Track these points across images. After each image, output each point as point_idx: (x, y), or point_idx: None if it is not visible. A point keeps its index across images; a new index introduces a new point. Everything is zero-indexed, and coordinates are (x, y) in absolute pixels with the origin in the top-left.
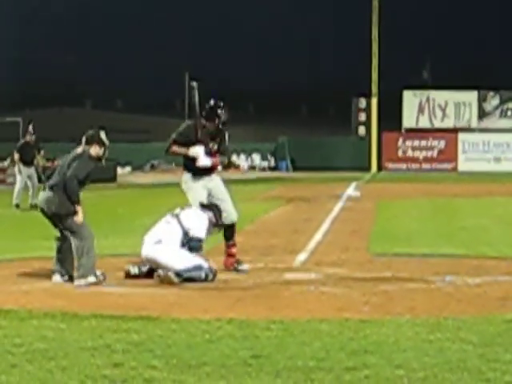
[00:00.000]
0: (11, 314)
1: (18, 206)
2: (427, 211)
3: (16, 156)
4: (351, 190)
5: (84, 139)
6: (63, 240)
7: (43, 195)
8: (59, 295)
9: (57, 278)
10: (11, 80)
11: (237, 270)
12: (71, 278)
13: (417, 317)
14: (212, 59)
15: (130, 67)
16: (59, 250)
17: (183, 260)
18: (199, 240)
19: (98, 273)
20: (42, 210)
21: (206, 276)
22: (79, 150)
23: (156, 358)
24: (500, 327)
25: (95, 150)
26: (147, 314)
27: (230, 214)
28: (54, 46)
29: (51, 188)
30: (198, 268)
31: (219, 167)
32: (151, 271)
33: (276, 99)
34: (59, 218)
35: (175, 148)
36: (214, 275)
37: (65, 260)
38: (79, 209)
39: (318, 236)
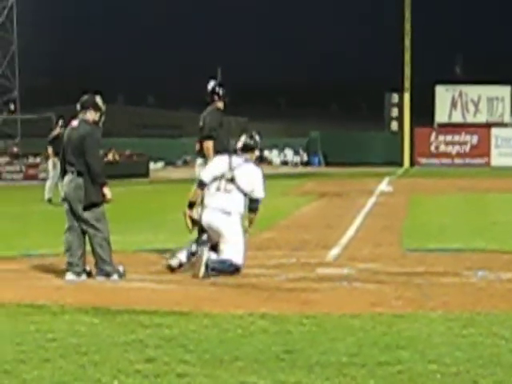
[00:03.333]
0: (44, 309)
1: (50, 200)
2: (460, 206)
3: (49, 149)
4: (384, 185)
5: (79, 105)
6: (72, 231)
7: (71, 182)
8: (91, 290)
9: (70, 276)
10: (44, 76)
11: None
12: (86, 273)
13: (450, 312)
14: (245, 56)
15: (161, 62)
16: (69, 245)
17: (240, 254)
18: (258, 201)
19: (121, 269)
20: (67, 199)
21: (232, 272)
22: (75, 123)
23: (188, 352)
24: None
25: (91, 115)
26: (179, 309)
27: None
28: (88, 43)
29: (79, 174)
30: (233, 265)
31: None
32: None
33: (309, 94)
34: (83, 207)
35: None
36: (238, 271)
37: (75, 255)
38: (107, 189)
39: (350, 231)
